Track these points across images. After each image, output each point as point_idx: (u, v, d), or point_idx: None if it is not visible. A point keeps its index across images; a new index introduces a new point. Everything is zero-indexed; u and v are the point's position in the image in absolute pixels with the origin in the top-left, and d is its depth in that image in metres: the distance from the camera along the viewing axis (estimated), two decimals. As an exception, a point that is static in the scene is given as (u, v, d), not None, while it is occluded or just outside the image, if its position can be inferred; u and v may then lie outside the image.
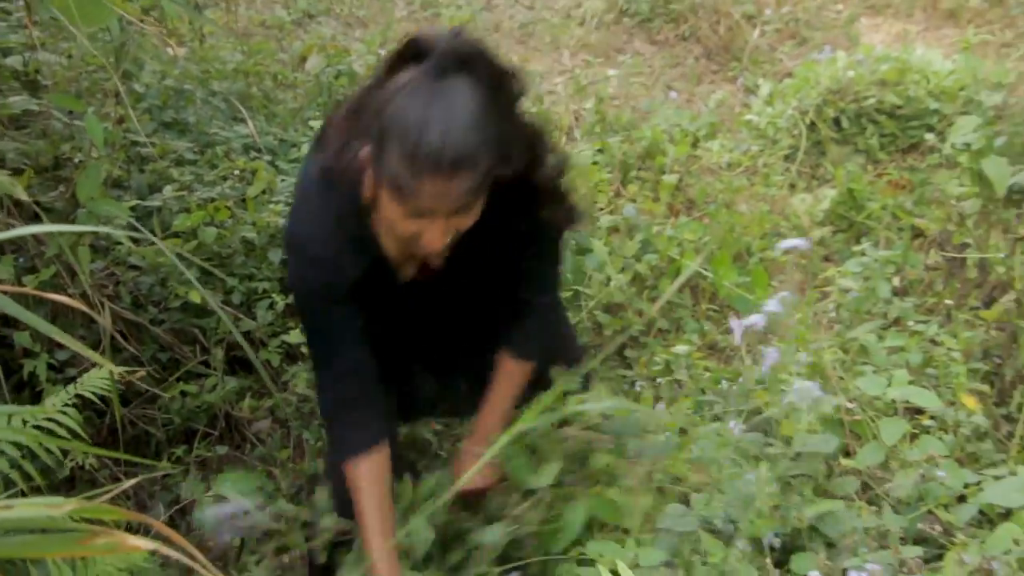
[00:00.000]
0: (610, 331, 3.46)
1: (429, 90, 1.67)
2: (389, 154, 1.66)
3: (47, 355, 2.85)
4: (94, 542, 0.97)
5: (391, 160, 1.66)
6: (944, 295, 3.31)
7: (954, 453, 2.58)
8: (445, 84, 1.68)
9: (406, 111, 1.65)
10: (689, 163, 4.67)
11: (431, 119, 1.64)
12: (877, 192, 4.36)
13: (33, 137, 3.28)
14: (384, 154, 1.68)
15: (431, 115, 1.64)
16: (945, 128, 4.62)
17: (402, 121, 1.65)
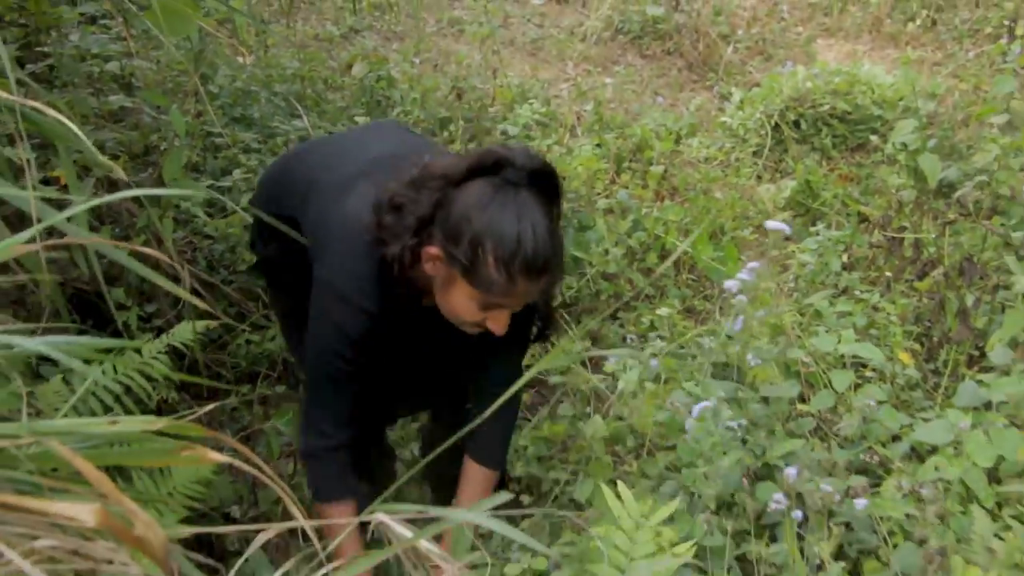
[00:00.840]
0: (606, 296, 3.46)
1: (515, 204, 1.64)
2: (482, 260, 1.62)
3: (138, 308, 2.85)
4: (183, 454, 0.97)
5: (486, 266, 1.62)
6: (885, 269, 3.30)
7: (891, 400, 2.58)
8: (524, 198, 1.65)
9: (501, 224, 1.62)
10: (673, 157, 4.65)
11: (524, 232, 1.62)
12: (830, 183, 4.34)
13: (127, 129, 3.28)
14: (477, 260, 1.63)
15: (524, 229, 1.62)
16: (887, 131, 4.60)
17: (497, 232, 1.61)
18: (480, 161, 1.68)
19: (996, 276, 2.92)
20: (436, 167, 1.72)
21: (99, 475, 0.88)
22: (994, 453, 2.05)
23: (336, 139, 2.27)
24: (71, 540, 0.92)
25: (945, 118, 4.59)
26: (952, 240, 3.25)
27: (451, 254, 1.67)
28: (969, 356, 2.78)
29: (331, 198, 1.91)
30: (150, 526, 0.90)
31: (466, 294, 1.70)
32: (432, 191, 1.69)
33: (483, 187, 1.66)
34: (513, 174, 1.66)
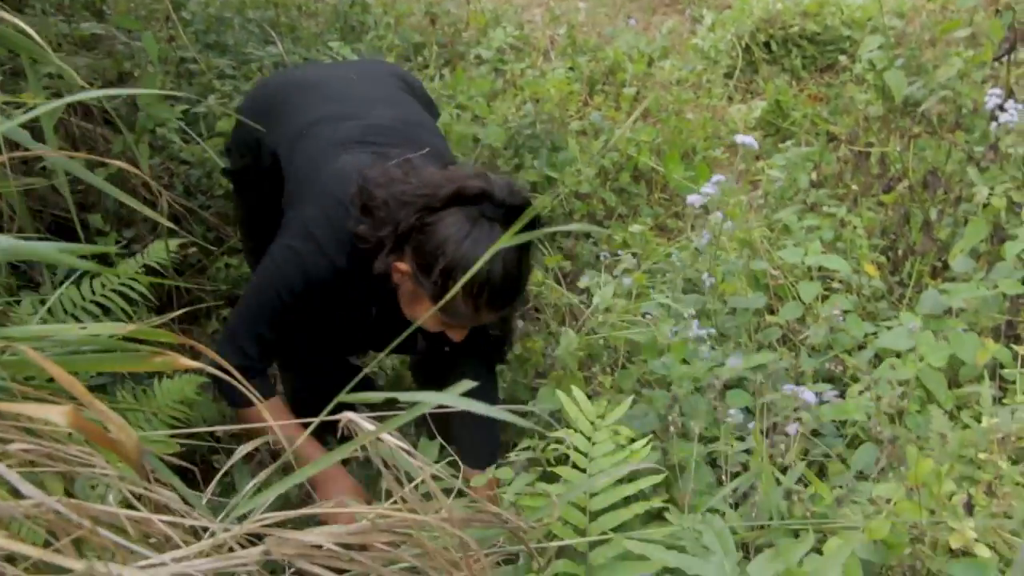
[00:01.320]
0: (579, 215, 3.44)
1: (488, 240, 1.66)
2: (450, 288, 1.64)
3: (116, 234, 2.82)
4: (153, 360, 0.96)
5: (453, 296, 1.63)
6: (852, 184, 3.29)
7: (857, 310, 2.59)
8: (498, 235, 1.67)
9: (471, 261, 1.64)
10: (645, 79, 4.60)
11: (494, 271, 1.67)
12: (799, 103, 4.32)
13: (101, 56, 3.21)
14: (445, 285, 1.67)
15: (494, 267, 1.67)
16: (856, 51, 4.56)
17: (466, 268, 1.63)
18: (461, 192, 1.69)
19: (959, 189, 2.92)
20: (418, 184, 1.74)
21: (71, 379, 0.87)
22: (946, 353, 2.06)
23: (335, 83, 2.16)
24: (46, 444, 0.92)
25: (912, 37, 4.55)
26: (917, 155, 3.24)
27: (420, 276, 1.72)
28: (932, 267, 2.79)
29: (325, 152, 1.92)
30: (123, 429, 0.89)
31: (427, 310, 1.76)
32: (410, 211, 1.71)
33: (460, 220, 1.68)
34: (491, 210, 1.70)
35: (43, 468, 0.90)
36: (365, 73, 2.28)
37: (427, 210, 1.71)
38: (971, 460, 1.63)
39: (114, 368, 0.95)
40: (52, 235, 2.77)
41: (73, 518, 0.84)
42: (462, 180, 1.72)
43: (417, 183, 1.74)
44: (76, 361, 0.96)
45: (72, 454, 0.93)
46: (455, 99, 3.83)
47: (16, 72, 2.70)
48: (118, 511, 0.89)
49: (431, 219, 1.70)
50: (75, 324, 1.98)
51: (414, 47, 4.56)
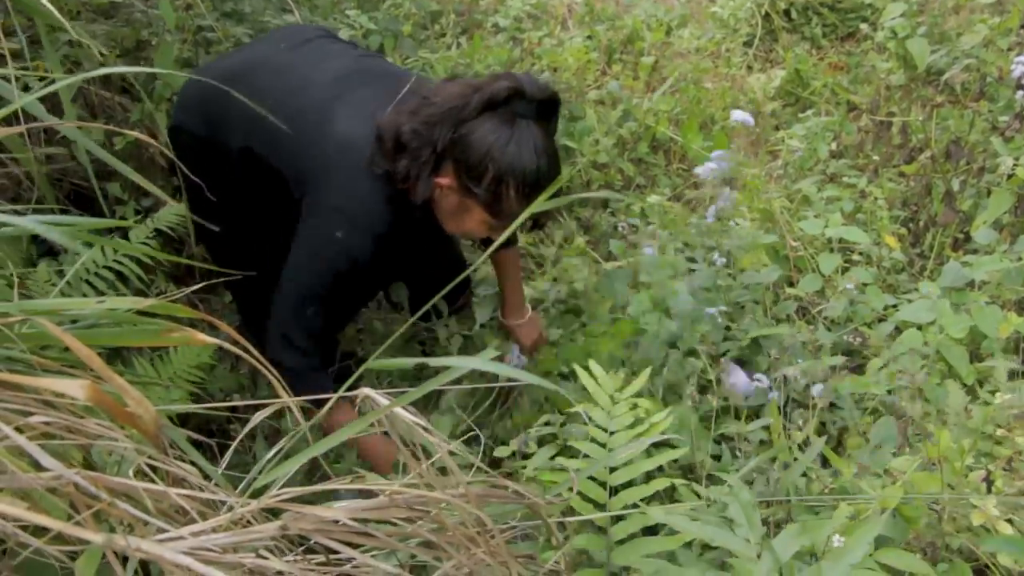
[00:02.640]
0: (596, 185, 3.41)
1: (530, 139, 1.71)
2: (504, 195, 1.72)
3: (134, 203, 2.82)
4: (170, 335, 0.96)
5: (507, 199, 1.72)
6: (872, 155, 3.25)
7: (877, 283, 2.57)
8: (536, 131, 1.72)
9: (521, 162, 1.69)
10: (664, 48, 4.54)
11: (541, 167, 1.71)
12: (820, 72, 4.26)
13: (119, 25, 3.19)
14: (499, 194, 1.72)
15: (541, 164, 1.71)
16: (877, 19, 4.49)
17: (519, 171, 1.69)
18: (493, 96, 1.70)
19: (982, 159, 2.88)
20: (443, 100, 1.74)
21: (88, 352, 0.86)
22: (967, 325, 2.04)
23: (274, 59, 2.06)
24: (64, 417, 0.92)
25: (936, 4, 4.48)
26: (939, 124, 3.19)
27: (469, 188, 1.74)
28: (954, 239, 2.76)
29: (311, 127, 1.87)
30: (140, 402, 0.89)
31: (481, 218, 1.79)
32: (444, 127, 1.73)
33: (497, 125, 1.70)
34: (523, 107, 1.72)
35: (62, 440, 0.90)
36: (291, 38, 2.17)
37: (461, 122, 1.72)
38: (990, 435, 1.62)
39: (131, 343, 0.94)
40: (71, 203, 2.77)
41: (92, 491, 0.84)
42: (489, 85, 1.73)
43: (441, 100, 1.75)
44: (94, 334, 0.95)
45: (90, 427, 0.92)
46: (472, 68, 3.80)
47: (35, 40, 2.69)
48: (136, 484, 0.89)
49: (466, 129, 1.72)
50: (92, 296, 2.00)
51: (431, 15, 4.52)
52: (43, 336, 0.98)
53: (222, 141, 1.98)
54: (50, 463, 0.82)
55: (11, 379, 0.87)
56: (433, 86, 1.84)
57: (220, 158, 1.98)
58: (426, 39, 4.35)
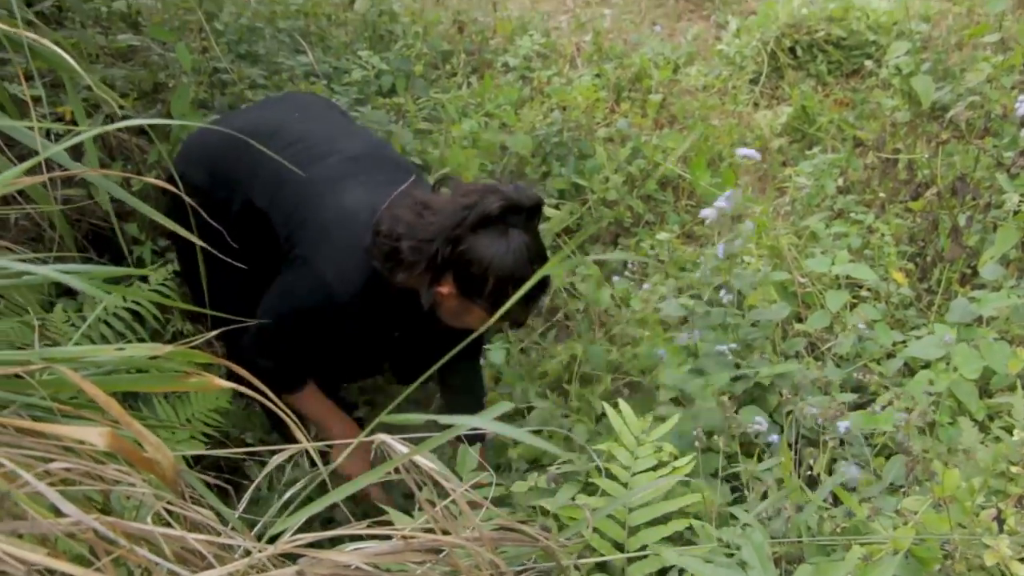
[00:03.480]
0: (606, 222, 3.43)
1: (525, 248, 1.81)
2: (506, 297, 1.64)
3: (151, 242, 2.84)
4: (188, 380, 0.96)
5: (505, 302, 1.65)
6: (879, 191, 3.26)
7: (885, 319, 2.56)
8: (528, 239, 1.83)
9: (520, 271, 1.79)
10: (671, 85, 4.58)
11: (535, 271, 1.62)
12: (825, 109, 4.29)
13: (136, 67, 3.23)
14: (500, 300, 1.78)
15: (535, 268, 1.77)
16: (881, 56, 4.52)
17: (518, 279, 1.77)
18: (487, 213, 1.79)
19: (988, 195, 2.88)
20: (440, 218, 1.82)
21: (108, 399, 0.87)
22: (980, 365, 2.03)
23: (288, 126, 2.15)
24: (84, 463, 0.92)
25: (939, 42, 4.51)
26: (945, 160, 3.20)
27: (473, 299, 1.85)
28: (962, 274, 2.76)
29: (320, 192, 1.97)
30: (159, 448, 0.89)
31: (481, 316, 1.88)
32: (442, 243, 1.81)
33: (493, 238, 1.81)
34: (516, 219, 1.82)
35: (82, 487, 0.91)
36: (306, 110, 2.27)
37: (459, 239, 1.80)
38: (1002, 473, 1.61)
39: (150, 389, 0.95)
40: (89, 242, 2.79)
41: (111, 536, 0.84)
42: (479, 203, 1.81)
43: (437, 219, 1.83)
44: (113, 380, 0.96)
45: (109, 472, 0.93)
46: (483, 107, 3.83)
47: (55, 84, 2.72)
48: (154, 529, 0.89)
49: (465, 245, 1.80)
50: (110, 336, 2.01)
51: (442, 55, 4.56)
52: (63, 382, 0.98)
53: (223, 194, 2.05)
54: (69, 509, 0.83)
55: (33, 426, 0.88)
56: (427, 196, 1.90)
57: (216, 208, 1.98)
58: (437, 78, 4.38)
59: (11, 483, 0.85)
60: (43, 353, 0.92)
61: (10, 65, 2.74)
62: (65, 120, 2.57)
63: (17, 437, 0.90)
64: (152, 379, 0.95)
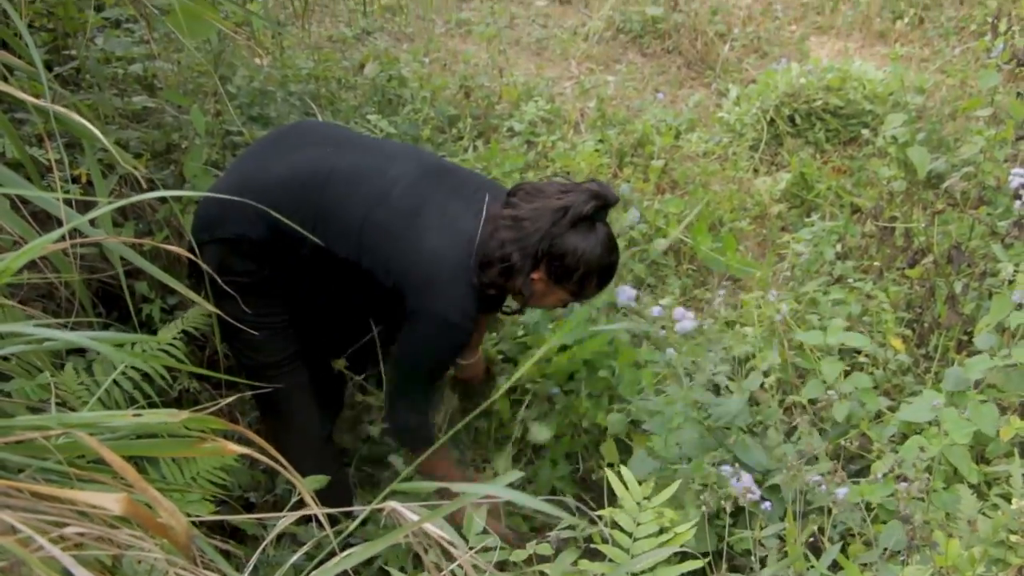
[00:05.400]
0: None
1: (606, 240, 2.15)
2: (590, 283, 2.17)
3: (160, 301, 2.86)
4: (202, 446, 0.97)
5: (590, 288, 2.19)
6: (877, 258, 3.28)
7: (884, 384, 2.57)
8: (606, 230, 2.16)
9: (602, 261, 2.14)
10: (673, 151, 4.63)
11: (615, 260, 2.20)
12: (824, 176, 4.33)
13: (150, 128, 3.28)
14: (585, 286, 2.17)
15: (614, 259, 2.20)
16: (878, 125, 4.57)
17: (600, 269, 2.16)
18: (581, 214, 2.09)
19: (983, 263, 2.91)
20: (536, 219, 2.10)
21: (124, 464, 0.88)
22: (970, 429, 2.04)
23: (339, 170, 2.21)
24: (98, 527, 0.93)
25: (933, 112, 4.57)
26: (941, 229, 3.23)
27: (561, 283, 2.15)
28: (958, 341, 2.77)
29: (401, 238, 2.13)
30: (173, 513, 0.90)
31: (562, 298, 2.23)
32: (541, 242, 2.09)
33: (584, 234, 2.10)
34: (600, 214, 2.13)
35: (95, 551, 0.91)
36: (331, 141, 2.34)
37: (555, 238, 2.09)
38: (1002, 541, 1.61)
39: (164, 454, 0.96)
40: (99, 299, 2.81)
41: (123, 602, 0.84)
42: (574, 204, 2.08)
43: (535, 225, 2.10)
44: (128, 446, 0.97)
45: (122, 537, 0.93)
46: (489, 171, 3.87)
47: (71, 144, 2.76)
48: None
49: (560, 241, 2.09)
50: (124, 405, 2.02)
51: (449, 119, 4.62)
52: (79, 446, 0.99)
53: (288, 242, 2.12)
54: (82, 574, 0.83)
55: (48, 492, 0.89)
56: (515, 200, 2.16)
57: (281, 256, 2.20)
58: (444, 142, 4.44)
59: (26, 547, 0.86)
60: (61, 418, 0.94)
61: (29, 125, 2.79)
62: (81, 182, 2.60)
63: (33, 502, 0.91)
64: (167, 444, 0.96)
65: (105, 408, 1.92)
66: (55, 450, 0.95)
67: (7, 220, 1.33)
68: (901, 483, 1.83)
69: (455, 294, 2.12)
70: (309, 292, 2.30)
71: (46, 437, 0.95)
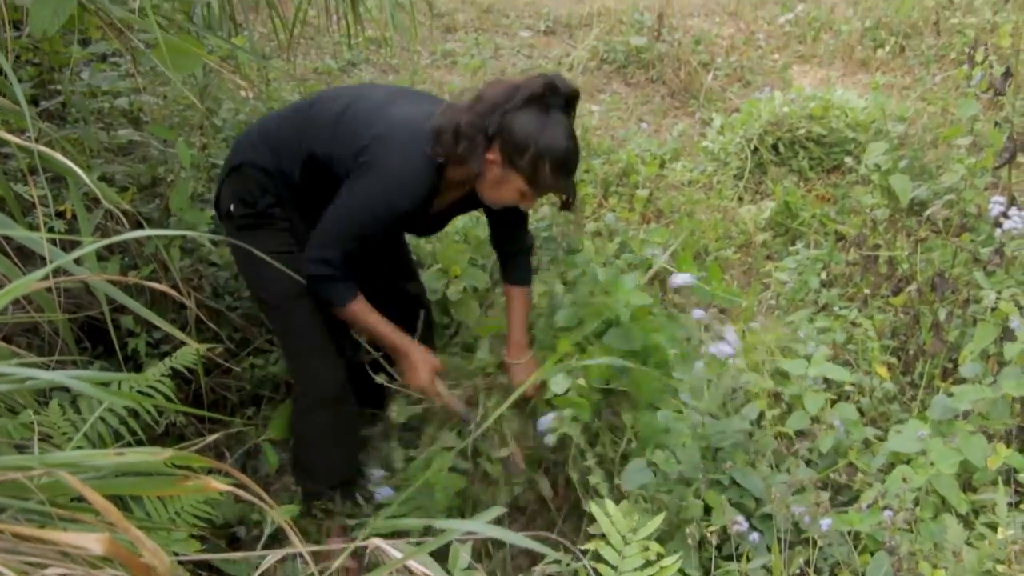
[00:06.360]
0: (594, 315, 3.45)
1: (561, 125, 2.11)
2: (541, 170, 2.10)
3: (146, 335, 2.85)
4: (186, 484, 0.97)
5: (543, 173, 2.10)
6: (861, 286, 3.30)
7: (869, 414, 2.58)
8: (563, 119, 2.12)
9: (555, 142, 2.08)
10: (657, 180, 4.66)
11: (570, 148, 2.12)
12: (808, 204, 4.36)
13: (136, 162, 3.28)
14: (537, 169, 2.10)
15: (569, 145, 2.11)
16: (860, 152, 4.61)
17: (554, 151, 2.08)
18: (532, 91, 2.09)
19: (966, 290, 2.93)
20: (491, 97, 2.13)
21: (107, 504, 0.88)
22: (957, 459, 2.05)
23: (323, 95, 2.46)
24: (80, 569, 0.92)
25: (915, 139, 4.62)
26: (924, 256, 3.26)
27: (513, 162, 2.12)
28: (943, 368, 2.79)
29: (371, 114, 2.25)
30: (156, 553, 0.89)
31: (518, 187, 2.16)
32: (494, 117, 2.11)
33: (537, 114, 2.09)
34: (555, 100, 2.11)
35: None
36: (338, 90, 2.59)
37: (507, 112, 2.09)
38: (988, 571, 1.61)
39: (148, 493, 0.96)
40: (85, 334, 2.80)
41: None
42: (528, 83, 2.11)
43: (490, 97, 2.13)
44: (112, 484, 0.97)
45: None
46: (474, 202, 3.89)
47: (56, 179, 2.76)
48: (148, 636, 0.89)
49: (512, 117, 2.09)
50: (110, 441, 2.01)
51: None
52: (61, 485, 0.99)
53: (288, 164, 2.34)
54: (65, 616, 0.83)
55: (30, 533, 0.88)
56: (480, 87, 2.22)
57: (284, 180, 2.36)
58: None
59: (8, 590, 0.85)
60: (44, 458, 0.93)
61: (14, 160, 2.79)
62: (66, 217, 2.60)
63: (14, 543, 0.91)
64: (151, 483, 0.96)
65: (91, 444, 1.91)
66: (37, 490, 0.94)
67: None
68: (887, 512, 1.83)
69: (409, 155, 2.17)
70: (311, 216, 2.36)
71: (28, 477, 0.94)
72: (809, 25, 6.68)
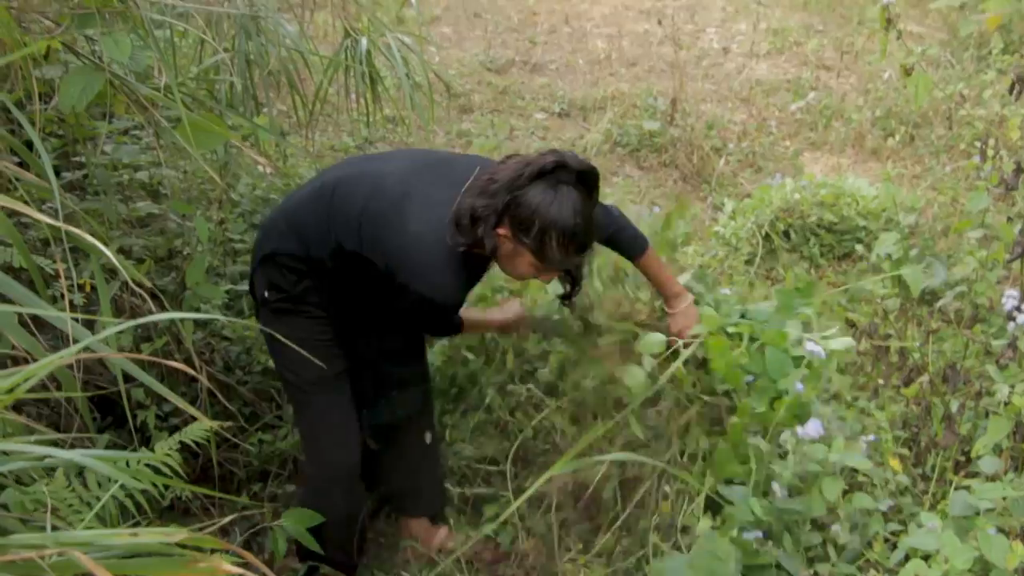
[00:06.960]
0: (605, 397, 3.44)
1: (569, 201, 2.10)
2: (548, 245, 2.12)
3: (155, 407, 2.86)
4: (198, 565, 0.97)
5: (550, 248, 2.12)
6: (873, 376, 3.30)
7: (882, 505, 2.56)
8: (574, 195, 2.11)
9: (561, 218, 2.09)
10: (669, 264, 4.67)
11: (577, 224, 2.10)
12: (819, 291, 4.36)
13: (153, 234, 3.33)
14: (544, 244, 2.12)
15: (577, 222, 2.10)
16: (871, 241, 4.64)
17: (559, 226, 2.09)
18: (541, 168, 2.11)
19: (979, 383, 2.92)
20: (502, 176, 2.16)
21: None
22: (971, 556, 2.03)
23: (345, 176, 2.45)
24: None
25: (925, 229, 4.65)
26: (936, 347, 3.26)
27: (520, 239, 2.14)
28: (956, 461, 2.77)
29: (389, 219, 2.26)
30: (167, 639, 0.89)
31: (529, 263, 2.20)
32: (503, 195, 2.13)
33: (544, 189, 2.11)
34: (566, 176, 2.12)
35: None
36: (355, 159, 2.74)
37: (516, 189, 2.11)
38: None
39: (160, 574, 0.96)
40: (95, 405, 2.81)
41: None
42: (538, 160, 2.14)
43: (504, 176, 2.15)
44: (124, 565, 0.97)
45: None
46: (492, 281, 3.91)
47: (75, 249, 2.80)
48: None
49: (520, 193, 2.11)
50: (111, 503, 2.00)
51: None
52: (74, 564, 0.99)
53: (318, 252, 2.38)
54: None
55: (42, 613, 0.88)
56: (494, 167, 2.24)
57: (316, 267, 2.40)
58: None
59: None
60: (58, 537, 0.94)
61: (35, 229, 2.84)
62: (85, 289, 2.63)
63: (25, 623, 0.91)
64: (163, 564, 0.96)
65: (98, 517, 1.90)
66: (50, 569, 0.94)
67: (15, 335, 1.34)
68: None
69: (433, 272, 2.22)
70: (347, 301, 2.47)
71: (41, 556, 0.94)
72: (820, 113, 6.77)
